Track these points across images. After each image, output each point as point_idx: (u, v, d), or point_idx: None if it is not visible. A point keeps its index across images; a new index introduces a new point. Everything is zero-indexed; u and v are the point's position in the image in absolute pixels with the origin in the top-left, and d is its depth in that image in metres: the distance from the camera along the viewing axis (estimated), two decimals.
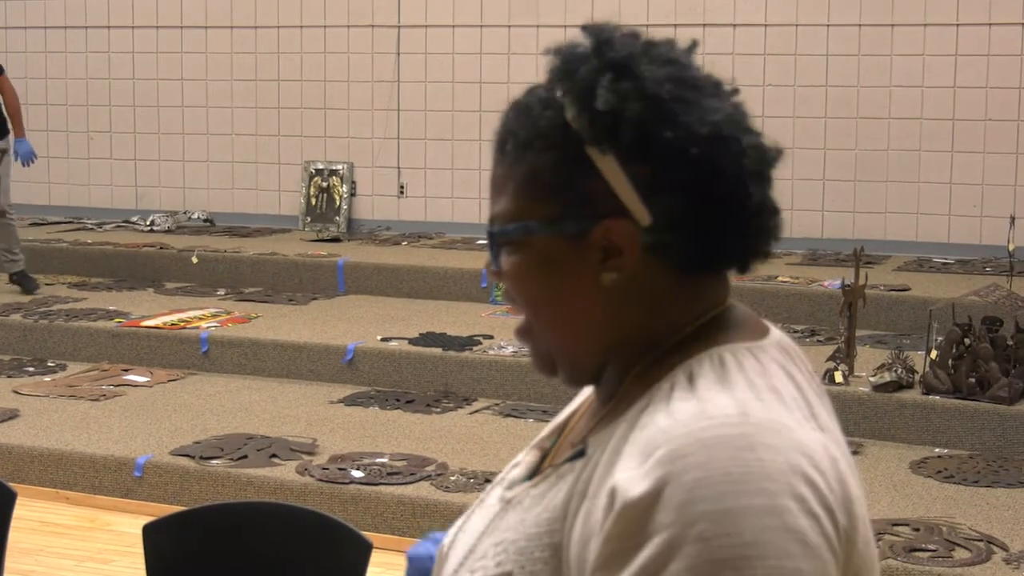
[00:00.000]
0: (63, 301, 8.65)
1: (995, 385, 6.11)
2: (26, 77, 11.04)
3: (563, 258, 1.41)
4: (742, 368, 1.36)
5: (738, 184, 1.39)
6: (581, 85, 1.37)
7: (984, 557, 4.85)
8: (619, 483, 1.27)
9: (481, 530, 1.49)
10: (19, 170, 11.05)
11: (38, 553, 5.26)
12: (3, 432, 6.45)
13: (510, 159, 1.44)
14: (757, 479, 1.23)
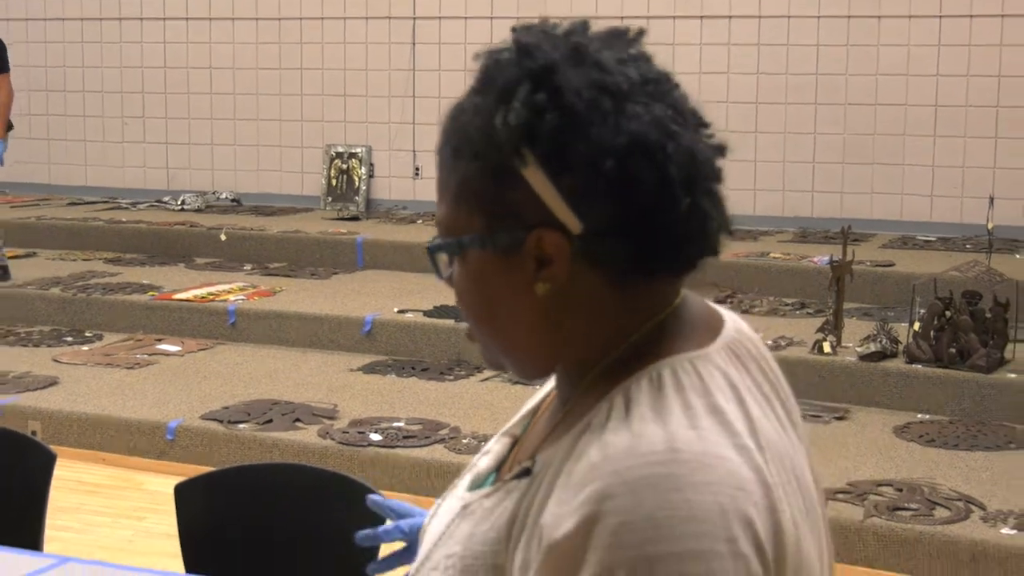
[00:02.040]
0: (100, 276, 8.67)
1: (974, 355, 6.12)
2: (64, 66, 11.05)
3: (498, 270, 1.34)
4: (680, 389, 1.28)
5: (664, 192, 1.28)
6: (501, 96, 1.28)
7: (963, 516, 4.86)
8: (546, 524, 1.23)
9: (439, 534, 1.43)
10: (58, 153, 11.09)
11: (76, 511, 5.28)
12: (43, 398, 6.48)
13: (446, 166, 1.36)
14: (682, 523, 1.17)
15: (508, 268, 1.32)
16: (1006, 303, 6.29)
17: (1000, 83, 8.61)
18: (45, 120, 11.19)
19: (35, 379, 6.80)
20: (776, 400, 1.38)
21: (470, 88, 1.35)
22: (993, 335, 6.21)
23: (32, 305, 8.20)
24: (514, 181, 1.29)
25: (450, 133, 1.36)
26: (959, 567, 4.68)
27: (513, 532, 1.30)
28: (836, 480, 5.22)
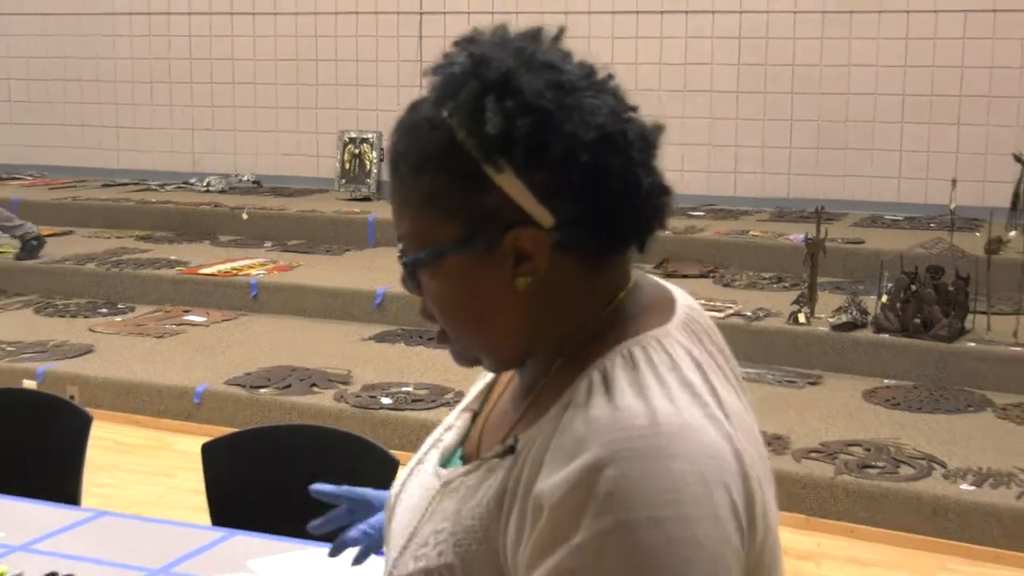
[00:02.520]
0: (131, 252, 8.67)
1: (937, 325, 6.13)
2: (97, 58, 11.02)
3: (478, 273, 1.32)
4: (652, 364, 1.28)
5: (629, 176, 1.29)
6: (467, 108, 1.26)
7: (926, 473, 4.88)
8: (543, 493, 1.22)
9: (422, 509, 1.42)
10: (92, 138, 11.07)
11: (112, 468, 5.29)
12: (80, 365, 6.49)
13: (404, 181, 1.34)
14: (667, 491, 1.18)
15: (487, 268, 1.31)
16: (967, 277, 6.29)
17: (963, 73, 8.59)
18: (79, 108, 11.17)
19: (72, 347, 6.81)
20: (727, 369, 1.39)
21: (420, 101, 1.34)
22: (955, 307, 6.21)
23: (69, 279, 8.20)
24: (486, 186, 1.27)
25: (407, 150, 1.33)
26: (922, 520, 4.69)
27: (504, 506, 1.30)
28: (809, 441, 5.23)
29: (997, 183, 8.19)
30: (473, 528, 1.32)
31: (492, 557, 1.30)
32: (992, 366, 6.00)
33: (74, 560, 2.52)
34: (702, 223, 8.53)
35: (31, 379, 6.26)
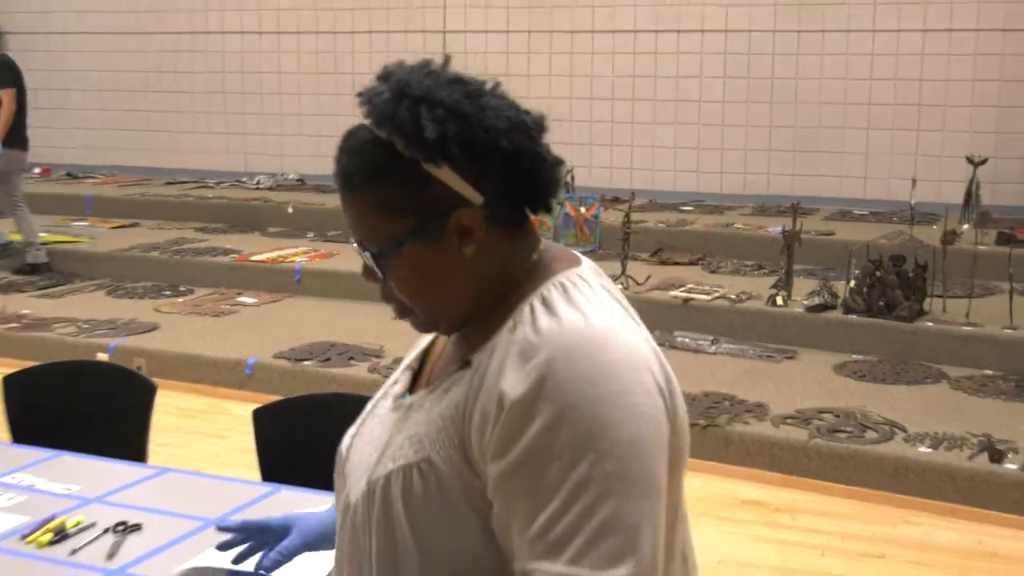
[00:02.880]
0: (190, 241, 8.68)
1: (898, 307, 6.12)
2: (160, 71, 11.02)
3: (433, 252, 1.43)
4: (578, 289, 1.43)
5: (535, 155, 1.44)
6: (406, 123, 1.38)
7: (888, 437, 4.87)
8: (505, 389, 1.34)
9: (389, 428, 1.51)
10: (156, 141, 11.10)
11: (174, 431, 5.30)
12: (147, 340, 6.51)
13: (358, 193, 1.44)
14: (608, 374, 1.33)
15: (439, 247, 1.43)
16: (925, 265, 6.29)
17: (921, 86, 8.58)
18: (146, 115, 11.19)
19: (139, 324, 6.83)
20: (626, 301, 1.52)
21: (355, 128, 1.46)
22: (914, 291, 6.21)
23: (136, 265, 8.22)
24: (428, 182, 1.40)
25: (356, 168, 1.43)
26: (885, 478, 4.69)
27: (467, 406, 1.40)
28: (786, 408, 5.22)
29: (952, 182, 8.18)
30: (444, 427, 1.42)
31: (460, 449, 1.40)
32: (947, 343, 5.99)
33: (141, 511, 2.53)
34: (692, 217, 8.52)
35: (103, 352, 6.27)
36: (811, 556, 4.20)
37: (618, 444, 1.31)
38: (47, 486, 2.66)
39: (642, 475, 1.33)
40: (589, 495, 1.30)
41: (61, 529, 2.40)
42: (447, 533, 1.41)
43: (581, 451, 1.30)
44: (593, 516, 1.30)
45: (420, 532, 1.42)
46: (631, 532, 1.31)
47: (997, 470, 4.57)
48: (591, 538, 1.30)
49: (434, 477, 1.41)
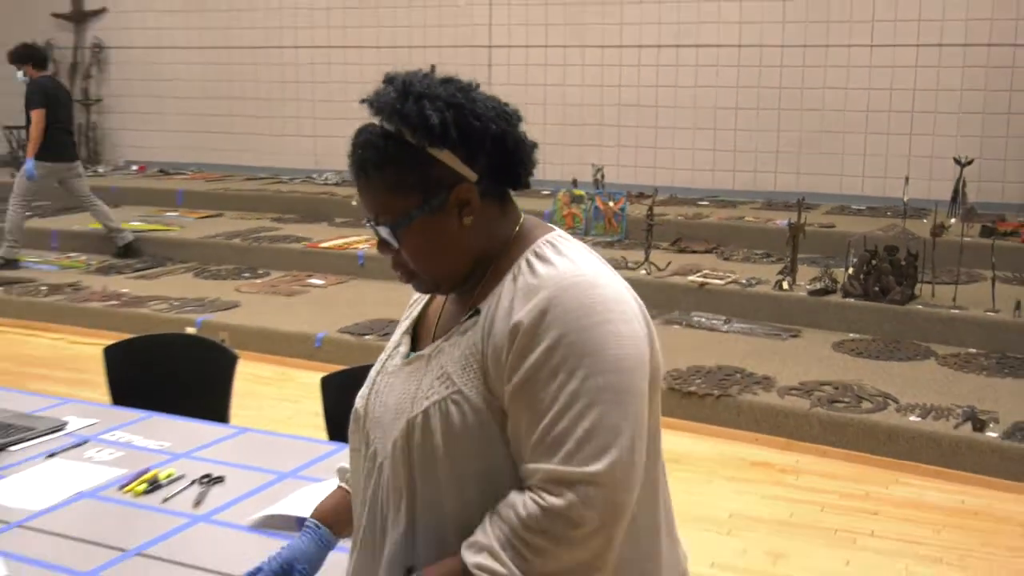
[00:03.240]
0: (267, 230, 8.72)
1: (892, 292, 6.08)
2: (242, 80, 11.06)
3: (437, 223, 1.52)
4: (566, 245, 1.54)
5: (516, 138, 1.54)
6: (410, 115, 1.47)
7: (882, 407, 4.84)
8: (515, 321, 1.45)
9: (413, 378, 1.58)
10: (238, 142, 11.15)
11: (251, 395, 5.33)
12: (229, 316, 6.56)
13: (373, 178, 1.51)
14: (599, 305, 1.45)
15: (442, 218, 1.52)
16: (916, 254, 6.23)
17: (914, 95, 8.47)
18: (229, 120, 11.25)
19: (223, 302, 6.88)
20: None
21: (365, 126, 1.54)
22: (906, 278, 6.16)
23: (220, 251, 8.27)
24: (432, 163, 1.49)
25: (370, 157, 1.51)
26: (878, 444, 4.66)
27: (484, 342, 1.49)
28: (790, 380, 5.19)
29: (941, 181, 8.10)
30: (466, 363, 1.50)
31: (482, 377, 1.49)
32: (935, 324, 5.92)
33: (223, 465, 2.54)
34: (707, 211, 8.47)
35: (192, 326, 6.32)
36: (812, 512, 4.18)
37: (605, 363, 1.42)
38: (142, 443, 2.69)
39: (624, 388, 1.43)
40: (579, 405, 1.41)
41: (154, 480, 2.42)
42: (476, 453, 1.49)
43: (575, 368, 1.42)
44: (582, 422, 1.41)
45: (455, 456, 1.49)
46: (612, 434, 1.41)
47: (979, 438, 4.53)
48: (580, 440, 1.41)
49: (466, 404, 1.48)
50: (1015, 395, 5.02)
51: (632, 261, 7.10)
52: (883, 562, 3.77)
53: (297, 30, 10.80)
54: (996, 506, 4.26)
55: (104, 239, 8.51)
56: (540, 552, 1.42)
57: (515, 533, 1.42)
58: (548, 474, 1.42)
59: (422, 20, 10.19)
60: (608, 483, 1.40)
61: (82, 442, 2.67)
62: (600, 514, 1.40)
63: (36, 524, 2.21)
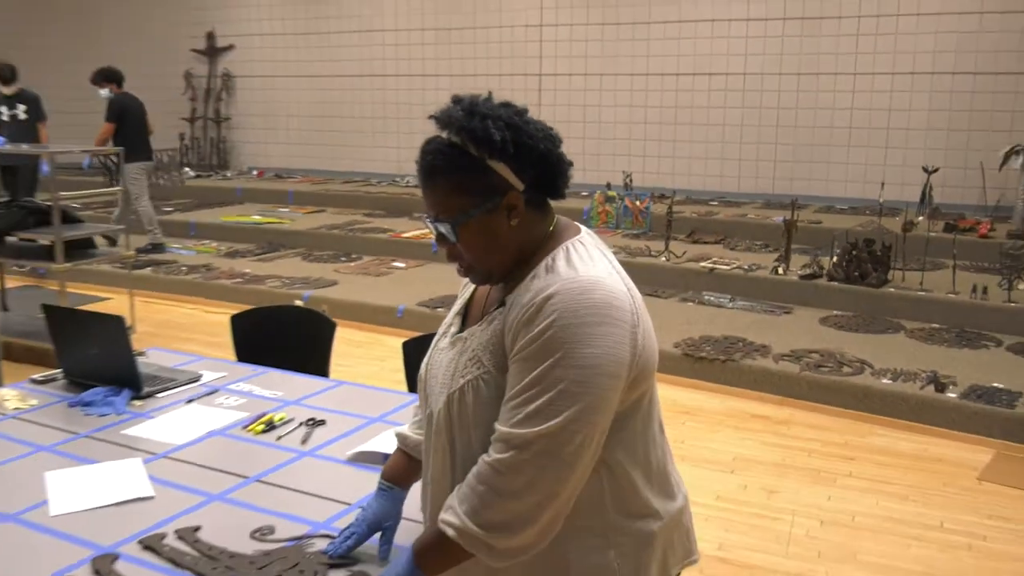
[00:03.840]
0: (360, 223, 8.77)
1: (869, 277, 5.99)
2: (342, 102, 11.10)
3: (490, 222, 1.48)
4: (577, 252, 1.48)
5: (557, 157, 1.50)
6: (475, 131, 1.44)
7: (860, 371, 4.77)
8: (525, 311, 1.42)
9: (455, 357, 1.54)
10: (337, 151, 11.20)
11: (346, 356, 5.39)
12: (329, 291, 6.61)
13: (439, 181, 1.47)
14: (581, 310, 1.38)
15: (494, 219, 1.48)
16: (890, 246, 6.15)
17: (890, 115, 8.31)
18: (330, 133, 11.32)
19: (325, 280, 6.93)
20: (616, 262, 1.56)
21: (433, 138, 1.50)
22: (881, 265, 6.07)
23: (322, 239, 8.31)
24: (489, 172, 1.46)
25: (439, 164, 1.48)
26: (856, 401, 4.60)
27: (504, 327, 1.47)
28: (783, 348, 5.13)
29: (911, 185, 7.98)
30: (493, 347, 1.48)
31: (503, 358, 1.46)
32: (905, 304, 5.82)
33: (324, 411, 2.56)
34: (717, 209, 8.38)
35: (299, 299, 6.38)
36: (801, 456, 4.14)
37: (576, 358, 1.36)
38: (260, 392, 2.72)
39: (584, 382, 1.37)
40: (542, 385, 1.37)
41: (270, 422, 2.45)
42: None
43: (550, 356, 1.37)
44: (538, 399, 1.38)
45: (484, 422, 1.46)
46: (556, 413, 1.37)
47: (940, 397, 4.45)
48: (529, 413, 1.38)
49: (492, 381, 1.46)
50: (971, 363, 4.92)
51: (654, 250, 7.05)
52: (859, 497, 3.72)
53: (385, 61, 10.81)
54: (953, 454, 4.18)
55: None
56: (484, 502, 1.40)
57: (468, 486, 1.43)
58: (499, 434, 1.41)
59: (486, 53, 10.16)
60: (536, 449, 1.37)
61: (213, 391, 2.70)
62: (529, 475, 1.38)
63: (177, 455, 2.24)
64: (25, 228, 5.53)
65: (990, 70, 7.93)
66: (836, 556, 3.25)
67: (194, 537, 1.83)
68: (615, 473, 1.47)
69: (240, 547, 1.79)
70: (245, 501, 1.99)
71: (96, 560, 1.73)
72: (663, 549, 1.53)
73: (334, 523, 1.88)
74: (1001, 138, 7.80)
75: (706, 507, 3.59)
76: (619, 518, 1.48)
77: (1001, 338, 5.39)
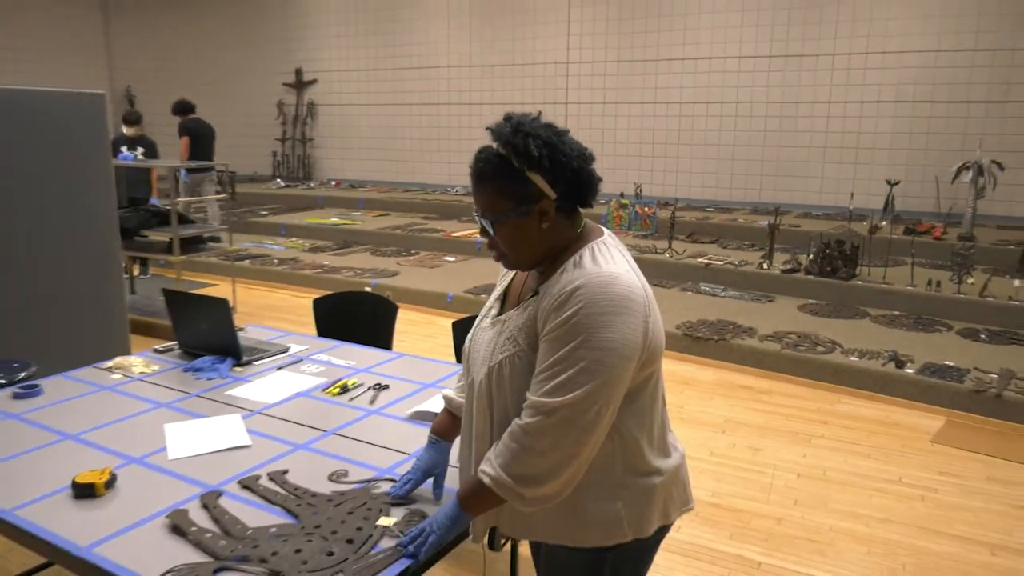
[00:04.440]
0: (418, 225, 8.75)
1: (839, 271, 5.87)
2: (408, 120, 11.10)
3: (524, 224, 1.45)
4: (601, 252, 1.45)
5: (588, 172, 1.46)
6: (518, 147, 1.41)
7: (832, 351, 4.68)
8: (557, 299, 1.39)
9: (495, 336, 1.52)
10: (399, 165, 11.20)
11: (406, 333, 5.38)
12: (393, 280, 6.60)
13: (486, 184, 1.44)
14: (602, 301, 1.36)
15: (528, 221, 1.45)
16: (858, 246, 6.01)
17: (859, 137, 8.14)
18: (393, 151, 11.35)
19: (389, 271, 6.93)
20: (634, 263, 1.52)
21: (486, 148, 1.46)
22: (850, 262, 5.94)
23: (386, 238, 8.30)
24: (527, 182, 1.43)
25: (487, 171, 1.44)
26: (828, 375, 4.52)
27: (537, 312, 1.44)
28: (767, 330, 5.05)
29: (876, 195, 7.82)
30: (527, 329, 1.45)
31: (535, 339, 1.44)
32: (869, 294, 5.69)
33: (388, 377, 2.56)
34: (712, 214, 8.27)
35: (368, 286, 6.40)
36: (781, 420, 4.07)
37: (600, 340, 1.34)
38: (337, 362, 2.73)
39: (603, 362, 1.35)
40: (567, 362, 1.36)
41: (344, 386, 2.46)
42: (529, 388, 1.44)
43: (575, 338, 1.35)
44: (563, 374, 1.36)
45: (517, 390, 1.45)
46: (578, 386, 1.35)
47: (900, 373, 4.35)
48: (555, 385, 1.36)
49: (526, 359, 1.44)
50: (926, 344, 4.82)
51: (659, 248, 6.97)
52: (829, 455, 3.66)
53: (439, 92, 10.80)
54: (910, 420, 4.10)
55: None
56: (516, 458, 1.40)
57: (504, 443, 1.42)
58: (529, 402, 1.40)
59: (521, 85, 10.10)
60: (560, 416, 1.36)
61: (298, 360, 2.72)
62: (553, 437, 1.37)
63: (270, 412, 2.26)
64: (149, 227, 5.63)
65: (944, 99, 7.74)
66: (810, 504, 3.20)
67: (283, 479, 1.84)
68: (625, 438, 1.46)
69: (320, 487, 1.80)
70: (324, 450, 2.00)
71: (204, 496, 1.76)
72: (663, 500, 1.52)
73: (396, 469, 1.89)
74: (954, 156, 7.61)
75: (702, 461, 3.55)
76: (626, 475, 1.47)
77: (952, 323, 5.27)
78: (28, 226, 3.57)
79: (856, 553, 2.86)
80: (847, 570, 2.76)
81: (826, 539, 2.94)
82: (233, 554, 1.53)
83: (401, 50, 10.97)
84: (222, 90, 12.26)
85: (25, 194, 3.55)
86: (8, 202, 3.50)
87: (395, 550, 1.54)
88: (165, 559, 1.52)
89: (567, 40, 9.70)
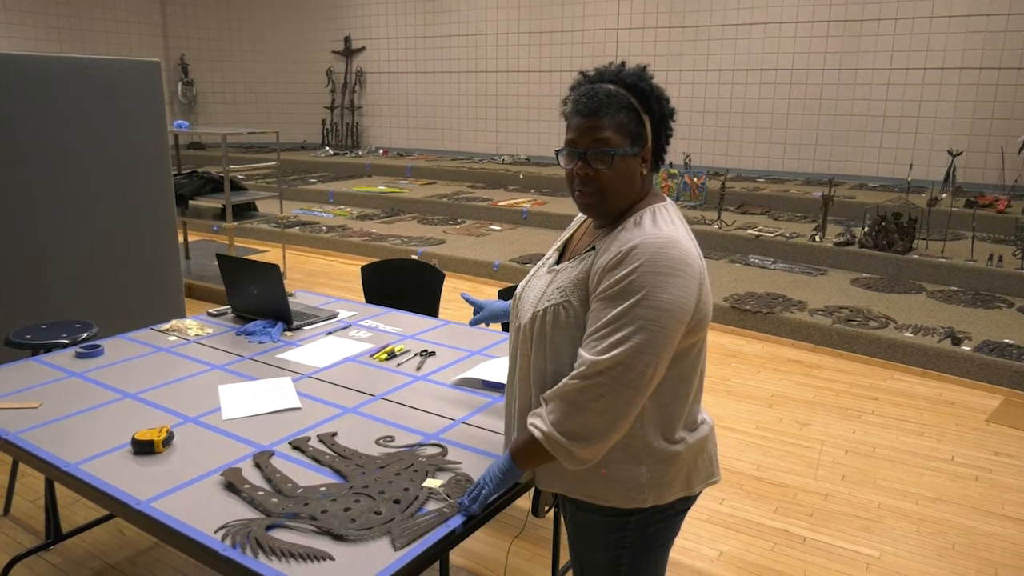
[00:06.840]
0: (464, 193, 8.75)
1: (895, 245, 5.70)
2: (456, 94, 11.06)
3: (630, 164, 1.46)
4: (661, 215, 1.46)
5: (670, 132, 1.50)
6: (643, 92, 1.45)
7: (885, 325, 4.57)
8: (614, 257, 1.40)
9: (546, 284, 1.52)
10: (445, 134, 11.18)
11: (452, 300, 5.37)
12: (439, 248, 6.61)
13: (605, 117, 1.43)
14: (660, 261, 1.37)
15: (632, 164, 1.47)
16: (915, 219, 5.82)
17: (920, 105, 7.84)
18: (441, 119, 11.33)
19: (435, 240, 6.95)
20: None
21: (604, 86, 1.46)
22: (906, 235, 5.76)
23: (433, 206, 8.33)
24: (642, 124, 1.46)
25: (607, 103, 1.44)
26: (881, 351, 4.42)
27: (591, 268, 1.45)
28: (818, 304, 4.95)
29: (937, 167, 7.55)
30: (578, 279, 1.46)
31: (585, 293, 1.45)
32: (926, 269, 5.53)
33: (435, 344, 2.58)
34: (763, 185, 8.09)
35: (415, 254, 6.43)
36: (830, 395, 4.00)
37: (652, 300, 1.35)
38: (384, 328, 2.75)
39: (656, 321, 1.36)
40: (622, 321, 1.36)
41: (391, 352, 2.48)
42: (570, 339, 1.46)
43: (631, 296, 1.36)
44: (617, 332, 1.37)
45: (558, 341, 1.47)
46: (630, 344, 1.36)
47: (956, 350, 4.23)
48: (609, 343, 1.37)
49: (572, 310, 1.45)
50: (984, 321, 4.66)
51: (709, 219, 6.86)
52: (880, 432, 3.59)
53: (487, 60, 10.71)
54: (965, 399, 3.99)
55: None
56: (566, 414, 1.40)
57: (556, 400, 1.42)
58: (581, 359, 1.40)
59: (570, 52, 9.95)
60: (613, 374, 1.36)
61: (347, 326, 2.75)
62: (607, 397, 1.37)
63: (320, 376, 2.30)
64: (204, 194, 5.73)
65: (1014, 65, 7.39)
66: (858, 480, 3.15)
67: (332, 441, 1.88)
68: (658, 405, 1.46)
69: (367, 450, 1.83)
70: (371, 414, 2.03)
71: (257, 456, 1.80)
72: (687, 469, 1.52)
73: (442, 435, 1.91)
74: (1020, 126, 7.29)
75: (747, 434, 3.52)
76: (653, 441, 1.48)
77: (1013, 300, 5.08)
78: (89, 194, 3.67)
79: (904, 531, 2.81)
80: (895, 547, 2.71)
81: (874, 516, 2.90)
82: (284, 511, 1.57)
83: (449, 16, 10.89)
84: (272, 59, 12.36)
85: (86, 161, 3.65)
86: (71, 169, 3.60)
87: (440, 512, 1.56)
88: (220, 515, 1.57)
89: (617, 5, 9.51)
